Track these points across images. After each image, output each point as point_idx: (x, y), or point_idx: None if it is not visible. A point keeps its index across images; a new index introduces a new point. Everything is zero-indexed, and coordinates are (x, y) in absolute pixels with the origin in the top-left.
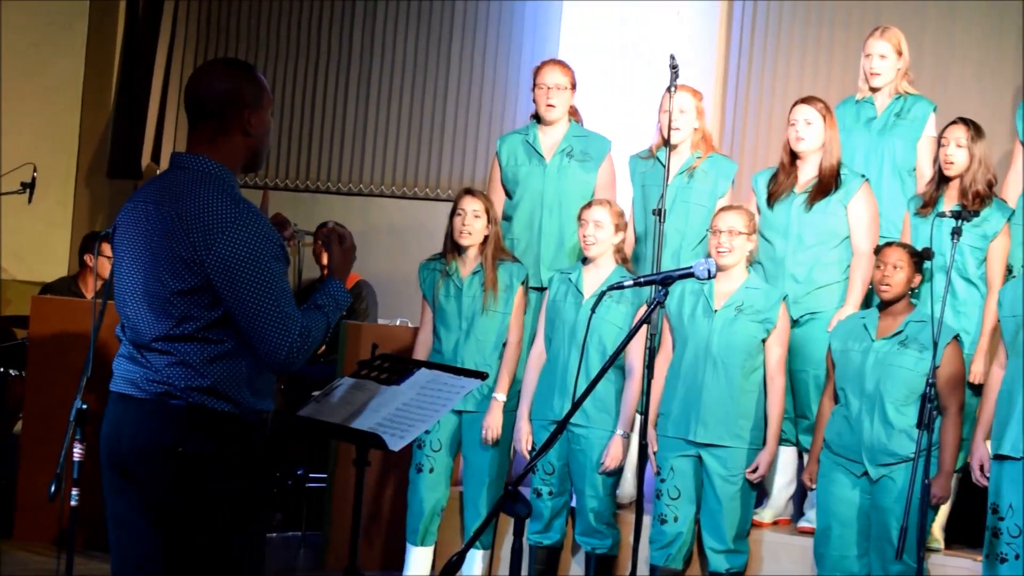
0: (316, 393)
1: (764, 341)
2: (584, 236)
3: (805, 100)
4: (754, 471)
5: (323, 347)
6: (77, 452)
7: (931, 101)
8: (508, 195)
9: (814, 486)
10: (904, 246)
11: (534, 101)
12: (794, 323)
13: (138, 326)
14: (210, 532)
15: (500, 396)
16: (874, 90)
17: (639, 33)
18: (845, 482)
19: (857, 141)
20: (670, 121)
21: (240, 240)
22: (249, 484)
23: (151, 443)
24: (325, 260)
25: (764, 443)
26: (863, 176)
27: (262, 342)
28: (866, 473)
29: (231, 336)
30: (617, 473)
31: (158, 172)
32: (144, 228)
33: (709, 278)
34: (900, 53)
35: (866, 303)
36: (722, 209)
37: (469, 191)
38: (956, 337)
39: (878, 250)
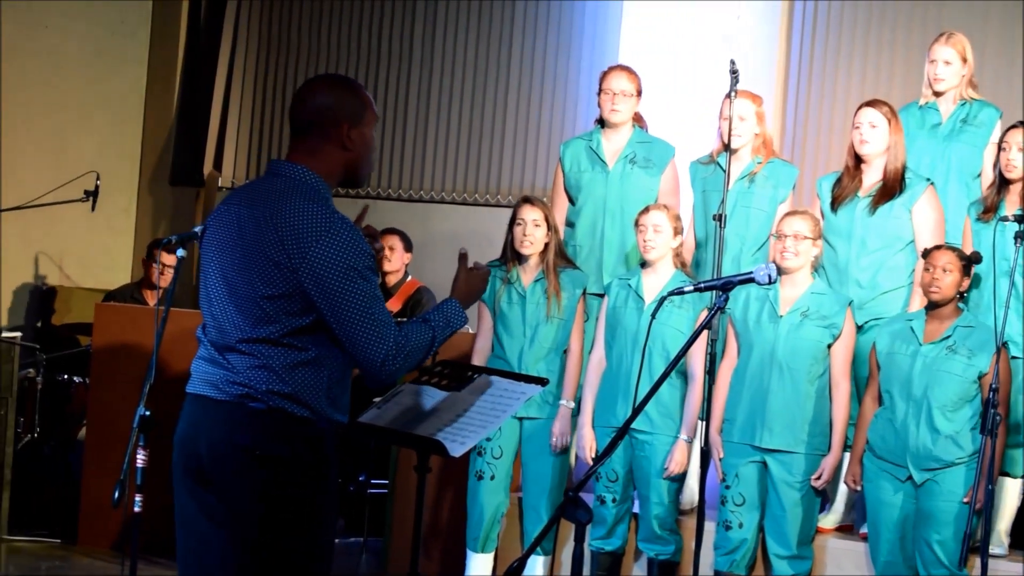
0: (377, 399)
1: (829, 347)
2: (644, 241)
3: (870, 103)
4: (819, 477)
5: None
6: (140, 458)
7: (997, 107)
8: (571, 201)
9: (858, 488)
10: (953, 249)
11: (599, 106)
12: (858, 329)
13: (224, 326)
14: (281, 537)
15: (569, 403)
16: (937, 95)
17: (700, 36)
18: (888, 487)
19: (922, 147)
20: (730, 127)
21: (334, 249)
22: (321, 491)
23: (229, 445)
24: (386, 267)
25: (829, 449)
26: (928, 180)
27: (358, 350)
28: (910, 477)
29: (315, 345)
30: (681, 479)
31: (219, 180)
32: (236, 230)
33: (770, 283)
34: (965, 60)
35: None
36: (788, 214)
37: (528, 199)
38: (1004, 344)
39: (926, 253)
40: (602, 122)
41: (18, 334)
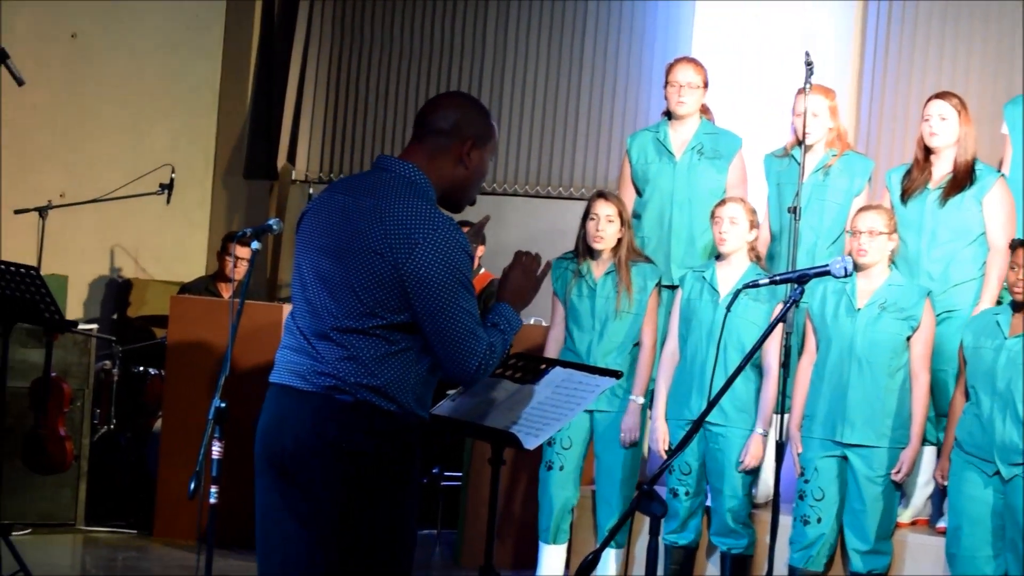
0: (451, 392)
1: (908, 339)
2: (719, 233)
3: (940, 95)
4: (898, 471)
5: None
6: (216, 450)
7: None
8: (638, 192)
9: (946, 483)
10: None
11: (665, 98)
12: (939, 322)
13: (318, 311)
14: (365, 532)
15: (639, 398)
16: None
17: (773, 29)
18: (977, 481)
19: None
20: (804, 121)
21: (441, 251)
22: (405, 486)
23: (315, 438)
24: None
25: (908, 442)
26: (999, 171)
27: (452, 356)
28: (998, 472)
29: (407, 341)
30: (755, 472)
31: (293, 173)
32: (338, 218)
33: (846, 276)
34: None
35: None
36: (861, 209)
37: (602, 194)
38: None
39: (1014, 246)
40: (669, 114)
41: (94, 326)
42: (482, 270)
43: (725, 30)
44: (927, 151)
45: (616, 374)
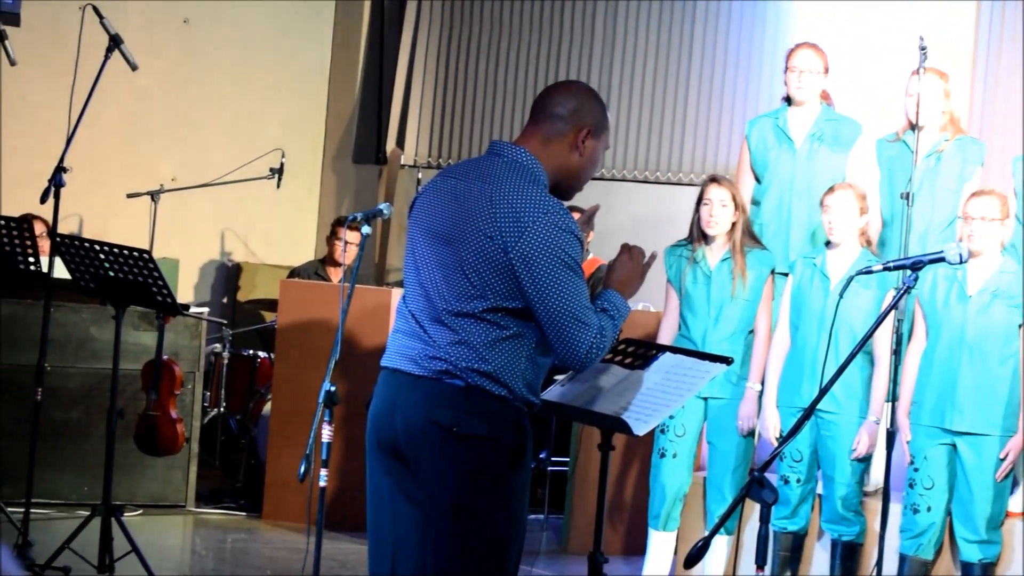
0: (560, 377)
1: (1021, 327)
2: (828, 221)
3: None
4: (1005, 456)
5: None
6: (326, 433)
7: None
8: (757, 179)
9: None
10: None
11: (785, 83)
12: None
13: (430, 295)
14: (477, 515)
15: (755, 385)
16: None
17: (887, 10)
18: None
19: None
20: (917, 104)
21: (549, 235)
22: (517, 469)
23: (427, 421)
24: None
25: (1017, 430)
26: None
27: (563, 340)
28: None
29: (518, 326)
30: (867, 460)
31: (402, 158)
32: (450, 202)
33: (961, 263)
34: None
35: None
36: (974, 194)
37: (715, 179)
38: None
39: None
40: (789, 100)
41: (205, 310)
42: (591, 255)
43: (835, 15)
44: None
45: (727, 360)
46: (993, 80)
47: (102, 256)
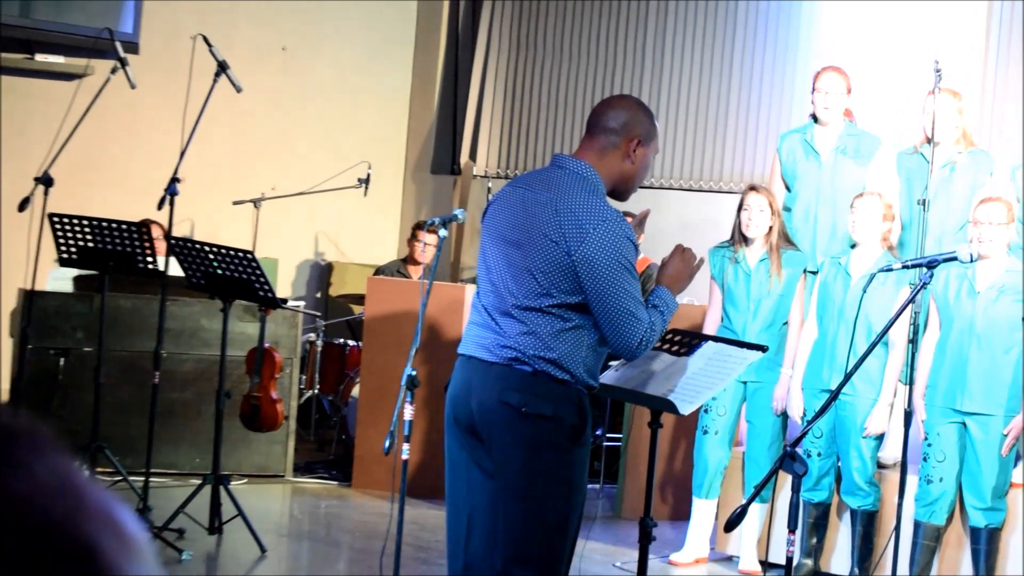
0: (615, 363)
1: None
2: (853, 223)
3: None
4: (1008, 432)
5: None
6: (408, 412)
7: None
8: (787, 188)
9: None
10: None
11: (812, 103)
12: None
13: (501, 292)
14: (542, 485)
15: (789, 371)
16: None
17: (905, 33)
18: None
19: None
20: (933, 121)
21: (607, 241)
22: (578, 445)
23: (499, 402)
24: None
25: (1020, 410)
26: None
27: (618, 334)
28: None
29: (579, 319)
30: (880, 438)
31: (474, 169)
32: (519, 210)
33: (971, 262)
34: None
35: None
36: (982, 200)
37: (754, 187)
38: None
39: None
40: (815, 117)
41: (301, 303)
42: (641, 255)
43: (864, 31)
44: None
45: (763, 348)
46: (1001, 97)
47: (211, 256)
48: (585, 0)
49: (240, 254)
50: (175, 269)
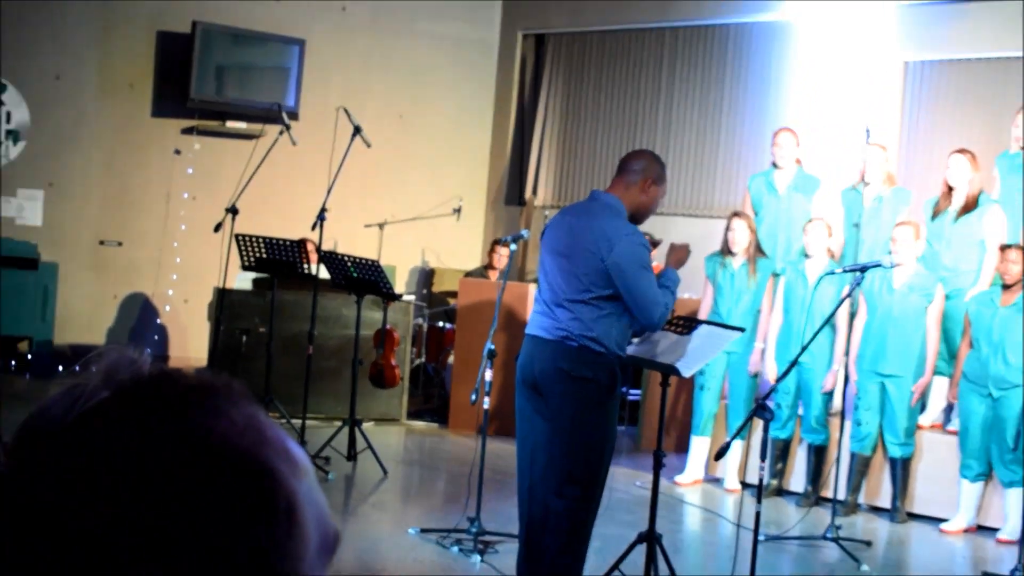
0: (635, 339)
1: (927, 308)
2: (807, 242)
3: (959, 151)
4: (916, 391)
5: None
6: (488, 375)
7: None
8: (756, 214)
9: (955, 401)
10: (1019, 247)
11: (772, 153)
12: (946, 297)
13: (555, 289)
14: (585, 426)
15: (760, 344)
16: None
17: (847, 97)
18: (977, 400)
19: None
20: (864, 167)
21: (629, 249)
22: (611, 398)
23: (554, 368)
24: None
25: (924, 373)
26: (995, 200)
27: (644, 314)
28: (990, 394)
29: (611, 307)
30: (830, 393)
31: (535, 201)
32: (567, 230)
33: (891, 267)
34: None
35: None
36: (898, 224)
37: (737, 213)
38: None
39: (1003, 248)
40: (775, 164)
41: (412, 297)
42: (654, 263)
43: (811, 100)
44: (949, 187)
45: (741, 329)
46: (915, 149)
47: (349, 264)
48: (615, 78)
49: (369, 262)
50: (324, 273)
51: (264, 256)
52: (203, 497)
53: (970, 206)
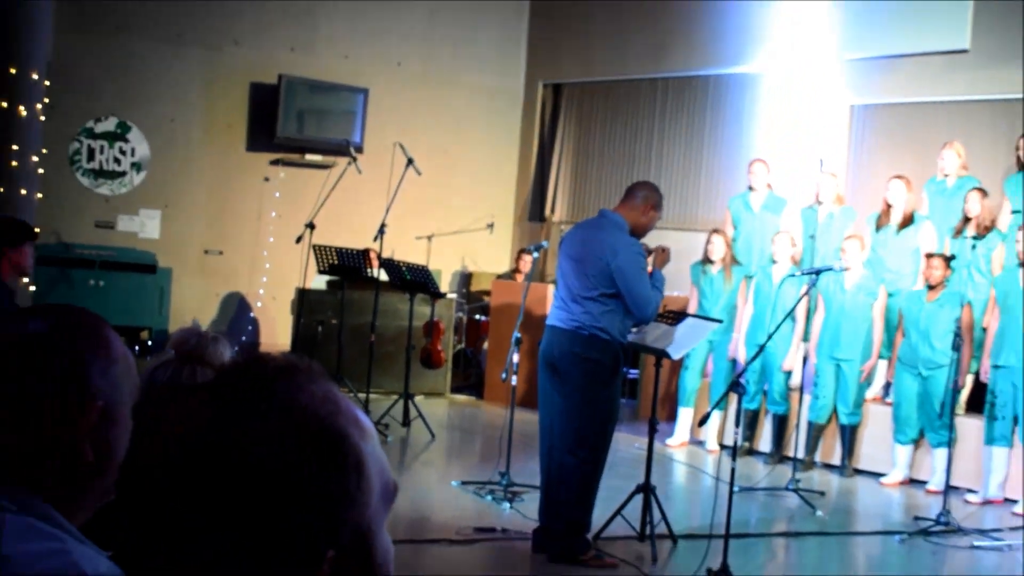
0: (634, 329)
1: (872, 304)
2: (775, 251)
3: (896, 176)
4: (863, 371)
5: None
6: (516, 357)
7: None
8: (735, 228)
9: (892, 379)
10: (940, 255)
11: (748, 178)
12: (889, 295)
13: (570, 288)
14: (593, 400)
15: (736, 334)
16: (946, 175)
17: (805, 131)
18: (910, 378)
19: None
20: (819, 190)
21: (629, 256)
22: (615, 377)
23: (569, 352)
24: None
25: (869, 356)
26: (927, 217)
27: (639, 309)
28: (920, 373)
29: (614, 303)
30: (790, 371)
31: (553, 218)
32: (579, 242)
33: (841, 271)
34: (959, 155)
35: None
36: (847, 237)
37: (716, 230)
38: (968, 303)
39: (929, 256)
40: (750, 187)
41: (455, 295)
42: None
43: (779, 135)
44: (888, 205)
45: (719, 321)
46: (862, 175)
47: (403, 268)
48: (618, 119)
49: (420, 267)
50: (384, 276)
51: (336, 262)
52: (291, 454)
53: (907, 221)
